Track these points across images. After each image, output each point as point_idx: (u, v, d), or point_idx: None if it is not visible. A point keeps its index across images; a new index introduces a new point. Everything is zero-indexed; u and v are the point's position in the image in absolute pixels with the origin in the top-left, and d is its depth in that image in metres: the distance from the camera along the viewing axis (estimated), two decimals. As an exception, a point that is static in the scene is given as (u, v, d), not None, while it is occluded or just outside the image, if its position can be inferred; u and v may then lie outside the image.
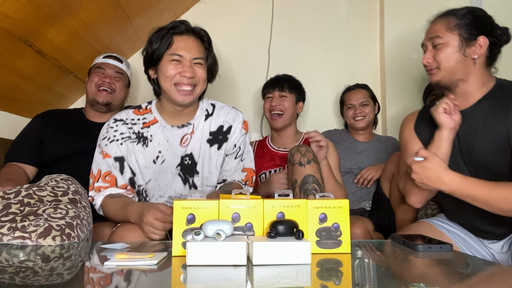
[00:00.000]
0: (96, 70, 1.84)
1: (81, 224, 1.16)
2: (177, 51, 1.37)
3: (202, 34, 1.44)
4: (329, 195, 1.03)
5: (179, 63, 1.38)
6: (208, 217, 0.93)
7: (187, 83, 1.37)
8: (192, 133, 1.46)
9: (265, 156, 1.94)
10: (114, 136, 1.42)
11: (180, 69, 1.37)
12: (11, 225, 1.09)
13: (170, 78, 1.37)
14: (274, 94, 1.93)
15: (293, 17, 2.45)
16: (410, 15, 2.35)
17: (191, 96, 1.39)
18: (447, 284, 0.77)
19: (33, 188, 1.24)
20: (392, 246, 1.10)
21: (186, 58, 1.38)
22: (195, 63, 1.39)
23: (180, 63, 1.38)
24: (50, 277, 0.78)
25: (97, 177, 1.40)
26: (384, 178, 1.73)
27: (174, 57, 1.37)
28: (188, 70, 1.37)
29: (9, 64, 1.63)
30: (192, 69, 1.38)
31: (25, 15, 1.45)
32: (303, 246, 0.85)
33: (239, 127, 1.51)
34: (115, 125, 1.44)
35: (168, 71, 1.37)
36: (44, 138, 1.75)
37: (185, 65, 1.38)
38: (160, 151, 1.44)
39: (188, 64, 1.38)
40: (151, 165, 1.44)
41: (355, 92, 2.13)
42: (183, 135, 1.46)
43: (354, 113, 2.09)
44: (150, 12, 2.11)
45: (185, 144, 1.45)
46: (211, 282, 0.74)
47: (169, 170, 1.45)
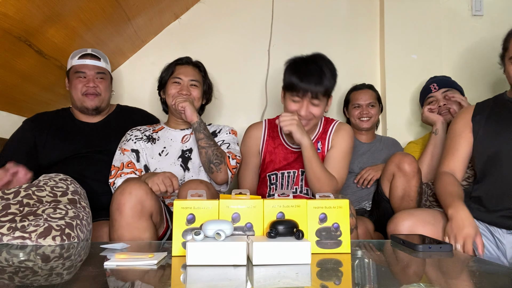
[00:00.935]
0: (76, 75, 1.78)
1: (81, 224, 1.16)
2: (177, 75, 1.76)
3: (199, 64, 1.83)
4: (329, 195, 1.03)
5: (178, 84, 1.75)
6: (208, 217, 0.93)
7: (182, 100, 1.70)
8: (191, 134, 1.79)
9: (276, 152, 1.76)
10: (130, 137, 1.76)
11: (179, 89, 1.74)
12: (10, 225, 1.09)
13: (171, 95, 1.74)
14: (304, 101, 1.60)
15: (293, 17, 2.44)
16: (410, 15, 2.35)
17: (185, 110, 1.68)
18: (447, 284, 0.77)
19: (32, 188, 1.24)
20: (392, 246, 1.10)
21: (184, 81, 1.75)
22: (191, 84, 1.76)
23: (179, 85, 1.75)
24: (50, 277, 0.78)
25: (121, 167, 1.67)
26: (385, 178, 1.73)
27: (175, 79, 1.75)
28: (185, 89, 1.74)
29: (9, 64, 1.62)
30: (189, 89, 1.75)
31: (25, 15, 1.45)
32: (303, 246, 0.85)
33: (227, 129, 1.82)
34: (131, 132, 1.79)
35: (170, 91, 1.75)
36: (38, 143, 1.72)
37: (183, 86, 1.75)
38: (164, 146, 1.76)
39: (186, 85, 1.75)
40: (156, 156, 1.74)
41: (363, 92, 2.12)
42: (184, 135, 1.80)
43: (361, 113, 2.08)
44: (150, 12, 2.11)
45: (185, 141, 1.78)
46: (211, 282, 0.74)
47: (171, 161, 1.73)
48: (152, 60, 2.33)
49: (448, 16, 2.37)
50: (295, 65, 1.66)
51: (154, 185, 1.36)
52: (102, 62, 1.83)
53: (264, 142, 1.78)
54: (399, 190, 1.65)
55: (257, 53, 2.41)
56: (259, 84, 2.40)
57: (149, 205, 1.28)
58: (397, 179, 1.65)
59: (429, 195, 1.80)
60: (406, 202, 1.65)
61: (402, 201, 1.65)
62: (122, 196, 1.25)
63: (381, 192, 1.75)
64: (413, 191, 1.63)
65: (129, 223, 1.24)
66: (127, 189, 1.26)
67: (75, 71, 1.79)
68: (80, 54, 1.80)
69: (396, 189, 1.66)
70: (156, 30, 2.34)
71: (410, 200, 1.64)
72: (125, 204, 1.24)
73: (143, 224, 1.27)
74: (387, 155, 2.02)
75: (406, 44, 2.34)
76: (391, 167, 1.68)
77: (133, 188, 1.26)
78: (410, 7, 2.35)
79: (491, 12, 2.35)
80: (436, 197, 1.67)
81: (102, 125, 1.85)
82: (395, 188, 1.66)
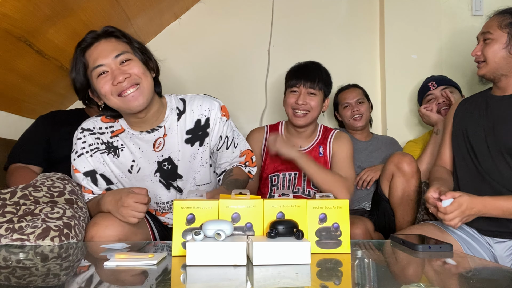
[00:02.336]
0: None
1: (79, 224, 1.16)
2: (95, 64, 1.20)
3: (110, 31, 1.25)
4: (329, 195, 1.03)
5: (106, 74, 1.20)
6: (208, 217, 0.93)
7: (127, 87, 1.20)
8: (165, 136, 1.34)
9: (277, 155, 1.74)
10: (83, 148, 1.31)
11: (110, 78, 1.20)
12: (8, 225, 1.09)
13: (109, 93, 1.20)
14: (301, 89, 1.69)
15: (293, 17, 2.44)
16: (410, 15, 2.35)
17: (141, 96, 1.22)
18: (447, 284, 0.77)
19: (28, 188, 1.23)
20: (392, 246, 1.10)
21: (109, 63, 1.20)
22: (121, 62, 1.21)
23: (108, 73, 1.20)
24: (50, 278, 0.78)
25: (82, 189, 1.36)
26: (384, 179, 1.73)
27: (97, 70, 1.20)
28: (118, 73, 1.19)
29: (9, 64, 1.62)
30: (122, 70, 1.20)
31: (25, 15, 1.45)
32: (303, 246, 0.85)
33: (218, 116, 1.37)
34: (82, 136, 1.32)
35: (103, 88, 1.20)
36: (52, 138, 1.73)
37: (112, 69, 1.20)
38: (133, 159, 1.33)
39: (116, 68, 1.20)
40: (127, 174, 1.34)
41: (350, 91, 2.14)
42: (155, 140, 1.33)
43: (352, 112, 2.08)
44: (150, 12, 2.11)
45: (158, 149, 1.33)
46: (211, 282, 0.74)
47: (147, 178, 1.35)
48: (152, 60, 2.33)
49: (448, 16, 2.37)
50: (294, 66, 1.81)
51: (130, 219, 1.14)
52: None
53: (264, 145, 1.81)
54: (399, 190, 1.65)
55: (257, 53, 2.41)
56: (259, 84, 2.40)
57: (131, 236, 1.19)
58: (396, 179, 1.65)
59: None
60: (405, 202, 1.65)
61: (401, 201, 1.66)
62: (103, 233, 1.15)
63: (381, 192, 1.75)
64: (412, 191, 1.64)
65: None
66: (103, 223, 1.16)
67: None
68: None
69: (396, 189, 1.66)
70: (156, 30, 2.34)
71: (410, 200, 1.64)
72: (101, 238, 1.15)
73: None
74: (385, 154, 2.02)
75: (406, 44, 2.34)
76: (390, 167, 1.68)
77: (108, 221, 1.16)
78: (410, 7, 2.35)
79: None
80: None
81: None
82: (394, 188, 1.66)
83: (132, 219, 1.14)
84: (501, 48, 1.37)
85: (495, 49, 1.38)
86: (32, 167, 1.67)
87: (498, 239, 1.36)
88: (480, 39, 1.45)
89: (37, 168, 1.68)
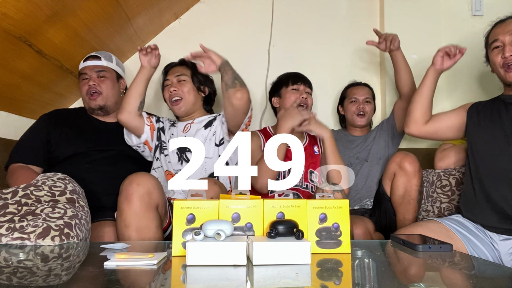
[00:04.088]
0: (81, 77, 1.83)
1: (80, 224, 1.16)
2: (166, 79, 1.84)
3: (184, 61, 1.86)
4: (329, 195, 1.03)
5: (168, 86, 1.82)
6: (208, 217, 0.93)
7: (173, 95, 1.79)
8: (192, 123, 1.83)
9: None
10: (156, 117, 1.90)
11: (168, 89, 1.81)
12: (9, 225, 1.09)
13: (167, 99, 1.84)
14: (301, 87, 1.94)
15: (293, 17, 2.44)
16: (410, 15, 2.35)
17: (180, 105, 1.80)
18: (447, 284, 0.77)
19: (30, 188, 1.23)
20: (392, 246, 1.10)
21: (171, 79, 1.82)
22: (179, 81, 1.81)
23: (169, 85, 1.82)
24: (50, 278, 0.78)
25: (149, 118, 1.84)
26: (386, 177, 1.74)
27: (165, 83, 1.85)
28: (173, 86, 1.80)
29: (9, 64, 1.62)
30: (176, 85, 1.80)
31: (25, 15, 1.45)
32: (303, 246, 0.85)
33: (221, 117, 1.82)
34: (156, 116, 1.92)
35: (165, 95, 1.84)
36: (52, 138, 1.73)
37: (171, 84, 1.81)
38: (172, 133, 1.85)
39: (174, 83, 1.81)
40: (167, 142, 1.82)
41: (360, 88, 2.16)
42: (185, 125, 1.84)
43: (357, 108, 2.10)
44: (150, 12, 2.11)
45: (186, 132, 1.81)
46: (211, 282, 0.74)
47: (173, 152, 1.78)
48: (152, 60, 2.33)
49: (448, 16, 2.37)
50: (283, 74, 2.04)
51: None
52: (103, 61, 1.84)
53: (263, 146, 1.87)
54: (400, 189, 1.66)
55: (257, 53, 2.41)
56: (259, 84, 2.40)
57: (156, 198, 1.31)
58: (398, 178, 1.67)
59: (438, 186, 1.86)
60: (406, 201, 1.66)
61: (403, 199, 1.67)
62: (130, 186, 1.28)
63: (382, 191, 1.77)
64: (413, 190, 1.65)
65: (137, 212, 1.26)
66: (135, 180, 1.29)
67: (80, 74, 1.84)
68: (86, 57, 1.85)
69: (397, 188, 1.67)
70: (156, 30, 2.34)
71: (411, 199, 1.65)
72: (133, 195, 1.27)
73: (150, 214, 1.29)
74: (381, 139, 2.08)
75: (406, 44, 2.33)
76: (392, 166, 1.70)
77: (141, 179, 1.29)
78: (410, 7, 2.35)
79: (491, 12, 2.34)
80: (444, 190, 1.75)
81: (118, 126, 1.82)
82: (396, 187, 1.68)
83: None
84: None
85: None
86: (32, 167, 1.67)
87: (505, 236, 1.36)
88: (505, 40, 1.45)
89: (37, 169, 1.68)
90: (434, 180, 1.86)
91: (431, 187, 1.86)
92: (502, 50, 1.45)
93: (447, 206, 1.80)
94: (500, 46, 1.47)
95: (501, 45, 1.46)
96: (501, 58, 1.46)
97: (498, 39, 1.47)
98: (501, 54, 1.46)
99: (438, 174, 1.86)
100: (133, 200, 1.27)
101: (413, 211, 1.68)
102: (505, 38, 1.45)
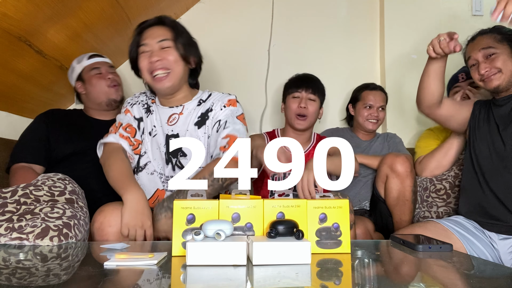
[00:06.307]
0: (93, 72, 1.80)
1: (78, 224, 1.16)
2: (142, 41, 1.43)
3: (164, 20, 1.46)
4: (329, 195, 1.03)
5: (147, 53, 1.43)
6: (208, 217, 0.93)
7: (159, 68, 1.41)
8: (181, 114, 1.50)
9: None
10: (137, 101, 1.55)
11: (148, 57, 1.42)
12: (8, 225, 1.09)
13: (145, 69, 1.43)
14: (303, 95, 1.83)
15: (293, 17, 2.45)
16: (410, 15, 2.35)
17: (167, 80, 1.43)
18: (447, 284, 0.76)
19: (29, 187, 1.23)
20: (392, 246, 1.10)
21: (152, 45, 1.42)
22: (162, 47, 1.42)
23: (149, 52, 1.42)
24: (50, 278, 0.78)
25: (118, 126, 1.49)
26: (379, 180, 1.73)
27: (142, 48, 1.43)
28: (155, 55, 1.41)
29: (9, 64, 1.62)
30: (160, 53, 1.41)
31: (25, 15, 1.45)
32: (303, 246, 0.84)
33: (220, 103, 1.49)
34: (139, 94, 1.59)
35: (141, 63, 1.44)
36: (51, 137, 1.73)
37: (153, 52, 1.42)
38: (154, 125, 1.51)
39: (156, 49, 1.42)
40: (148, 136, 1.51)
41: (377, 94, 2.08)
42: (171, 114, 1.50)
43: (371, 115, 2.05)
44: (150, 12, 2.11)
45: (171, 123, 1.48)
46: (211, 282, 0.74)
47: (158, 146, 1.49)
48: (152, 60, 2.33)
49: (448, 16, 2.37)
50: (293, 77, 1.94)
51: (124, 229, 1.23)
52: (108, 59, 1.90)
53: None
54: (394, 191, 1.65)
55: (257, 53, 2.41)
56: (259, 84, 2.40)
57: None
58: (390, 180, 1.65)
59: (432, 191, 1.80)
60: (401, 202, 1.65)
61: (397, 201, 1.65)
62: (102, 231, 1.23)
63: (377, 194, 1.76)
64: (407, 191, 1.63)
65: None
66: (106, 223, 1.24)
67: (91, 69, 1.81)
68: (87, 55, 1.84)
69: (391, 190, 1.66)
70: (156, 30, 2.34)
71: (406, 200, 1.64)
72: (107, 235, 1.23)
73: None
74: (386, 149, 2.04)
75: (406, 44, 2.34)
76: (383, 168, 1.68)
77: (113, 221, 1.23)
78: (410, 7, 2.35)
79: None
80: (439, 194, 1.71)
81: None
82: (390, 189, 1.66)
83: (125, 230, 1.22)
84: (508, 58, 1.46)
85: (504, 60, 1.46)
86: (34, 166, 1.67)
87: (504, 235, 1.36)
88: (478, 57, 1.51)
89: (38, 167, 1.68)
90: (427, 185, 1.82)
91: (425, 191, 1.82)
92: (477, 67, 1.52)
93: (445, 209, 1.78)
94: (475, 63, 1.53)
95: (476, 62, 1.53)
96: (478, 75, 1.52)
97: (471, 57, 1.54)
98: (477, 71, 1.52)
99: (431, 180, 1.82)
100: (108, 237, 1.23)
101: (409, 212, 1.66)
102: (477, 55, 1.51)
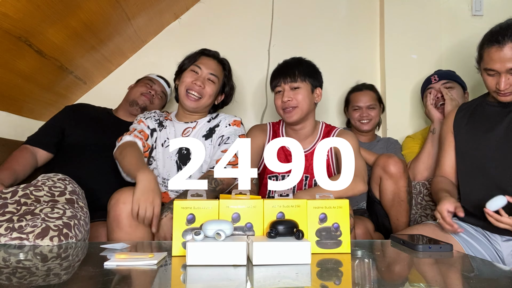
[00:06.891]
0: (146, 80, 2.02)
1: (79, 224, 1.16)
2: (197, 64, 1.67)
3: (224, 61, 1.75)
4: (329, 195, 1.03)
5: (196, 74, 1.66)
6: (208, 217, 0.93)
7: (195, 90, 1.64)
8: (194, 128, 1.70)
9: (277, 154, 1.67)
10: (149, 116, 1.73)
11: (194, 79, 1.64)
12: (8, 225, 1.09)
13: (184, 84, 1.66)
14: (284, 87, 1.65)
15: (293, 17, 2.44)
16: (410, 15, 2.35)
17: (195, 103, 1.65)
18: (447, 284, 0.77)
19: (30, 188, 1.23)
20: (392, 246, 1.10)
21: (203, 72, 1.66)
22: (209, 78, 1.66)
23: (197, 74, 1.66)
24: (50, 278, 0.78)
25: (132, 131, 1.63)
26: (373, 182, 1.71)
27: (194, 68, 1.67)
28: (200, 81, 1.64)
29: (9, 64, 1.62)
30: (204, 82, 1.65)
31: (25, 15, 1.45)
32: (303, 246, 0.84)
33: (227, 122, 1.69)
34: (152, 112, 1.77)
35: (185, 78, 1.66)
36: (67, 125, 1.82)
37: (200, 77, 1.66)
38: (167, 137, 1.67)
39: (203, 77, 1.66)
40: (160, 147, 1.66)
41: (363, 94, 2.09)
42: (185, 128, 1.70)
43: (361, 116, 2.05)
44: (150, 12, 2.11)
45: (186, 135, 1.68)
46: (211, 282, 0.74)
47: (170, 155, 1.64)
48: (152, 60, 2.33)
49: (448, 16, 2.37)
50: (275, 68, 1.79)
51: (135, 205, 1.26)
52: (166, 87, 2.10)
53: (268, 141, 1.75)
54: (388, 192, 1.63)
55: (257, 53, 2.41)
56: (259, 84, 2.40)
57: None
58: (384, 181, 1.64)
59: (425, 194, 1.80)
60: (397, 203, 1.63)
61: (393, 203, 1.64)
62: (117, 207, 1.26)
63: (372, 195, 1.74)
64: (402, 192, 1.62)
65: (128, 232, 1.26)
66: (121, 199, 1.27)
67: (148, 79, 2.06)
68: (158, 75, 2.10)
69: (386, 191, 1.64)
70: (156, 30, 2.34)
71: (401, 201, 1.63)
72: (120, 215, 1.26)
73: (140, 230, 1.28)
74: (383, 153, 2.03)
75: (406, 44, 2.34)
76: (377, 170, 1.66)
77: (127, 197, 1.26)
78: (410, 7, 2.35)
79: (491, 12, 2.35)
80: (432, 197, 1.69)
81: None
82: (384, 191, 1.65)
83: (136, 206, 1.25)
84: None
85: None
86: (37, 150, 1.74)
87: (507, 237, 1.36)
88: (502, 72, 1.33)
89: (43, 152, 1.75)
90: (421, 189, 1.83)
91: (419, 195, 1.82)
92: (497, 78, 1.36)
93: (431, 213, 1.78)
94: (494, 74, 1.37)
95: (496, 73, 1.36)
96: (495, 87, 1.38)
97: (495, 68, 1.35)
98: (495, 81, 1.37)
99: (424, 183, 1.82)
100: (122, 221, 1.26)
101: (406, 212, 1.65)
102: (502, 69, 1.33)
